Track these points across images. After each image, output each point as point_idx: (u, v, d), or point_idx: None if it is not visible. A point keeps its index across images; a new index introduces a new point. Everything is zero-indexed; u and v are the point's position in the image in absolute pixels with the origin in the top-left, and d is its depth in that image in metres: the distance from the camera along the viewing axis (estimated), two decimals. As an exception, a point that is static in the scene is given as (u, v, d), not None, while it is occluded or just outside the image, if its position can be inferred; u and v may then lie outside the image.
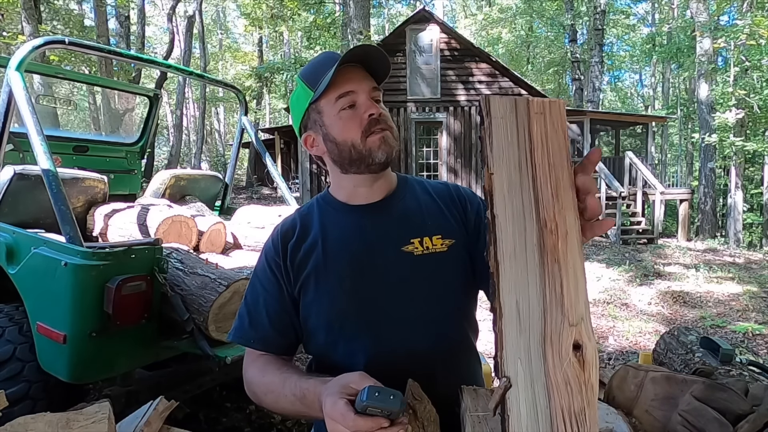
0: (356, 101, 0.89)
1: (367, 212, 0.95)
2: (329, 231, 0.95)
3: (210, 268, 1.97)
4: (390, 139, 0.90)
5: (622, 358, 3.81)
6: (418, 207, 0.97)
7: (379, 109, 0.90)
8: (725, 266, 7.33)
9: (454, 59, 12.23)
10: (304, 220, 0.98)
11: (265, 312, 0.94)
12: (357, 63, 0.91)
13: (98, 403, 0.81)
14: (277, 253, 0.95)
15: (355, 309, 0.90)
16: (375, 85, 0.92)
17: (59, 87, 11.29)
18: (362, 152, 0.89)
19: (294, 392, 0.81)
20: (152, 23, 25.72)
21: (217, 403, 2.71)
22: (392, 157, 0.91)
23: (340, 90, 0.88)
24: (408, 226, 0.94)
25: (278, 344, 0.95)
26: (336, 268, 0.91)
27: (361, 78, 0.91)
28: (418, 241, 0.92)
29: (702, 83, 13.40)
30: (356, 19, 10.06)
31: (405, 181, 1.03)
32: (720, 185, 16.75)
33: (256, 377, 0.91)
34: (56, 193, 1.70)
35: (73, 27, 12.99)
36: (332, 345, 0.92)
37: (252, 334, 0.94)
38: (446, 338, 0.94)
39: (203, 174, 3.45)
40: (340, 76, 0.87)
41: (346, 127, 0.89)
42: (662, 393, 0.72)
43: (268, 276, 0.95)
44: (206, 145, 25.74)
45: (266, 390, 0.87)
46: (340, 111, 0.89)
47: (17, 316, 1.88)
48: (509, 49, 25.54)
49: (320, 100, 0.90)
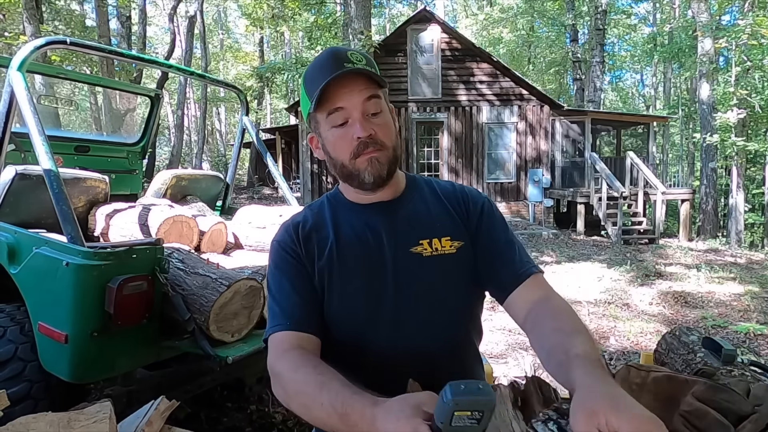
0: (348, 118, 0.86)
1: (377, 211, 0.95)
2: (341, 228, 0.95)
3: (211, 268, 1.97)
4: (380, 160, 0.87)
5: (624, 358, 3.81)
6: (426, 208, 0.97)
7: (368, 130, 0.85)
8: (727, 266, 7.32)
9: (455, 59, 12.23)
10: (315, 215, 0.98)
11: (293, 290, 0.90)
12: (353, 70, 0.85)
13: (99, 403, 0.81)
14: (292, 240, 0.94)
15: (365, 308, 0.91)
16: (371, 94, 0.87)
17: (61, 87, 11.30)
18: (351, 172, 0.89)
19: (333, 404, 0.70)
20: (153, 23, 25.72)
21: (218, 403, 2.71)
22: (384, 177, 0.89)
23: (330, 106, 0.86)
24: (417, 227, 0.94)
25: (312, 320, 0.89)
26: (347, 266, 0.92)
27: (355, 89, 0.85)
28: (427, 242, 0.93)
29: (703, 83, 13.37)
30: (357, 19, 10.06)
31: (414, 182, 1.02)
32: (721, 185, 16.72)
33: (287, 372, 0.80)
34: (58, 193, 1.70)
35: (74, 27, 13.01)
36: (340, 341, 0.92)
37: (284, 318, 0.87)
38: (451, 339, 0.95)
39: (204, 174, 3.45)
40: (333, 89, 0.84)
41: (337, 145, 0.88)
42: (664, 393, 0.72)
43: (287, 260, 0.93)
44: (207, 145, 25.76)
45: (298, 389, 0.78)
46: (332, 128, 0.87)
47: (19, 316, 1.87)
48: (510, 49, 25.53)
49: (316, 112, 0.89)
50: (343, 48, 0.89)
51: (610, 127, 15.10)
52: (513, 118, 12.41)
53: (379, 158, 0.87)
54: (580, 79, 18.78)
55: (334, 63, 0.85)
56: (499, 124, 12.50)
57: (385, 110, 0.90)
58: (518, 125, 12.42)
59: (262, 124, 23.45)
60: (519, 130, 12.44)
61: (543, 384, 0.72)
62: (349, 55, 0.86)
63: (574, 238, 10.32)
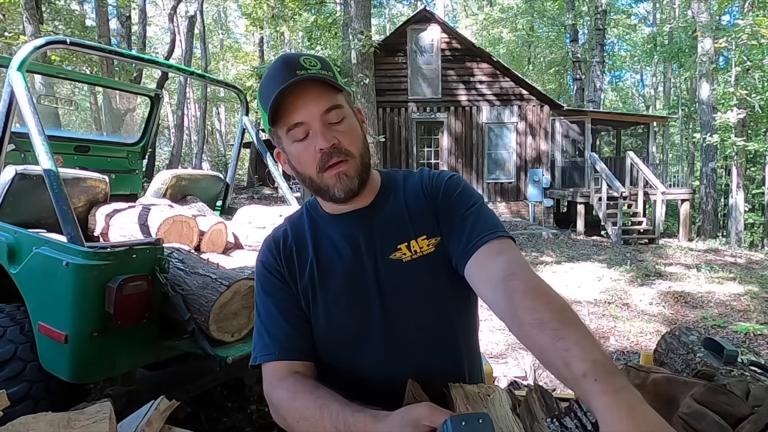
0: (309, 131, 0.80)
1: (353, 221, 0.90)
2: (320, 244, 0.91)
3: (211, 268, 1.97)
4: (348, 173, 0.82)
5: (624, 358, 3.81)
6: (402, 208, 0.91)
7: (330, 140, 0.79)
8: (726, 266, 7.32)
9: (455, 59, 12.23)
10: (295, 230, 0.94)
11: (281, 317, 0.88)
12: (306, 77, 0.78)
13: (99, 403, 0.81)
14: (275, 259, 0.92)
15: (354, 325, 0.88)
16: (330, 105, 0.80)
17: (61, 87, 11.30)
18: (321, 186, 0.84)
19: (336, 425, 0.70)
20: (153, 23, 25.72)
21: (219, 403, 2.71)
22: (356, 190, 0.84)
23: (288, 121, 0.80)
24: (393, 231, 0.89)
25: (302, 348, 0.87)
26: (330, 284, 0.88)
27: (312, 100, 0.79)
28: (405, 246, 0.88)
29: (703, 83, 13.38)
30: (357, 19, 10.06)
31: (389, 181, 0.96)
32: (721, 185, 16.73)
33: (285, 401, 0.79)
34: (58, 193, 1.70)
35: (74, 27, 13.00)
36: (332, 360, 0.90)
37: (274, 347, 0.86)
38: (445, 342, 0.91)
39: (204, 174, 3.45)
40: (289, 100, 0.78)
41: (301, 159, 0.83)
42: (663, 395, 0.72)
43: (273, 282, 0.91)
44: (207, 145, 25.75)
45: (299, 417, 0.76)
46: (294, 142, 0.82)
47: (19, 316, 1.88)
48: (510, 49, 25.53)
49: (275, 127, 0.83)
50: (294, 54, 0.82)
51: (610, 127, 15.10)
52: (513, 118, 12.41)
53: (347, 172, 0.82)
54: (580, 79, 18.78)
55: (286, 71, 0.78)
56: (499, 124, 12.50)
57: (349, 115, 0.83)
58: (518, 125, 12.43)
59: (262, 124, 23.44)
60: (519, 130, 12.44)
61: (545, 393, 0.71)
62: (302, 61, 0.80)
63: (574, 238, 10.32)
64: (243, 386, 2.76)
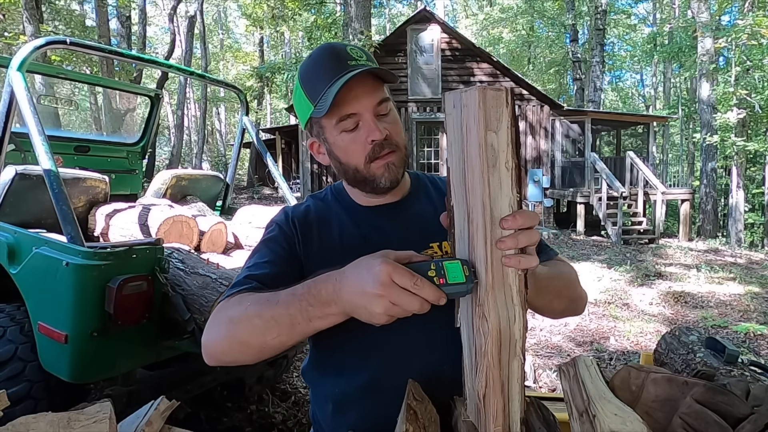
0: (359, 122, 0.81)
1: (385, 213, 0.91)
2: (346, 230, 0.90)
3: (211, 268, 1.97)
4: (396, 164, 0.84)
5: (624, 358, 3.81)
6: (433, 208, 0.91)
7: (383, 132, 0.81)
8: (727, 266, 7.32)
9: (455, 59, 12.23)
10: (319, 208, 0.93)
11: (268, 265, 0.84)
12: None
13: (99, 403, 0.81)
14: (292, 225, 0.90)
15: None
16: (382, 97, 0.82)
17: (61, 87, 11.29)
18: (366, 177, 0.85)
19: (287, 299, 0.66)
20: (153, 23, 25.74)
21: (218, 403, 2.71)
22: (399, 180, 0.86)
23: (341, 112, 0.80)
24: (426, 229, 0.88)
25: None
26: None
27: (365, 93, 0.80)
28: (437, 245, 0.88)
29: (703, 83, 13.38)
30: (357, 19, 10.06)
31: (418, 180, 0.98)
32: (721, 185, 16.73)
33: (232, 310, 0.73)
34: (58, 193, 1.70)
35: (74, 27, 13.01)
36: (343, 343, 0.87)
37: (247, 280, 0.81)
38: (459, 343, 0.90)
39: (204, 174, 3.45)
40: (341, 94, 0.78)
41: (349, 150, 0.83)
42: (663, 395, 0.72)
43: (279, 241, 0.88)
44: (207, 145, 25.77)
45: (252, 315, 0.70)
46: (342, 132, 0.82)
47: (19, 316, 1.88)
48: (510, 49, 25.55)
49: (321, 117, 0.83)
50: (339, 44, 0.83)
51: (609, 127, 15.10)
52: (513, 118, 12.40)
53: (395, 162, 0.84)
54: (580, 79, 18.79)
55: (337, 63, 0.79)
56: (499, 124, 12.49)
57: (393, 108, 0.86)
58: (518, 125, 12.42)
59: (262, 124, 23.46)
60: (519, 130, 12.44)
61: (543, 407, 0.71)
62: (350, 51, 0.81)
63: (574, 238, 10.32)
64: (243, 386, 2.76)
